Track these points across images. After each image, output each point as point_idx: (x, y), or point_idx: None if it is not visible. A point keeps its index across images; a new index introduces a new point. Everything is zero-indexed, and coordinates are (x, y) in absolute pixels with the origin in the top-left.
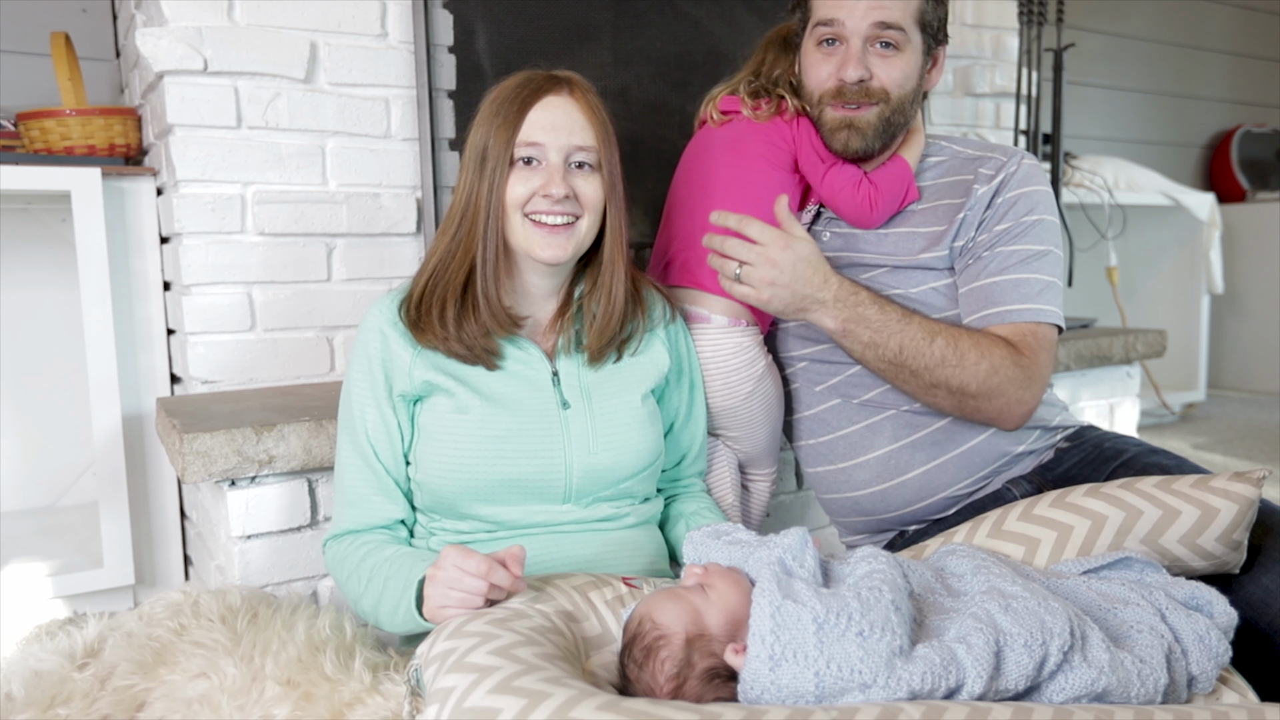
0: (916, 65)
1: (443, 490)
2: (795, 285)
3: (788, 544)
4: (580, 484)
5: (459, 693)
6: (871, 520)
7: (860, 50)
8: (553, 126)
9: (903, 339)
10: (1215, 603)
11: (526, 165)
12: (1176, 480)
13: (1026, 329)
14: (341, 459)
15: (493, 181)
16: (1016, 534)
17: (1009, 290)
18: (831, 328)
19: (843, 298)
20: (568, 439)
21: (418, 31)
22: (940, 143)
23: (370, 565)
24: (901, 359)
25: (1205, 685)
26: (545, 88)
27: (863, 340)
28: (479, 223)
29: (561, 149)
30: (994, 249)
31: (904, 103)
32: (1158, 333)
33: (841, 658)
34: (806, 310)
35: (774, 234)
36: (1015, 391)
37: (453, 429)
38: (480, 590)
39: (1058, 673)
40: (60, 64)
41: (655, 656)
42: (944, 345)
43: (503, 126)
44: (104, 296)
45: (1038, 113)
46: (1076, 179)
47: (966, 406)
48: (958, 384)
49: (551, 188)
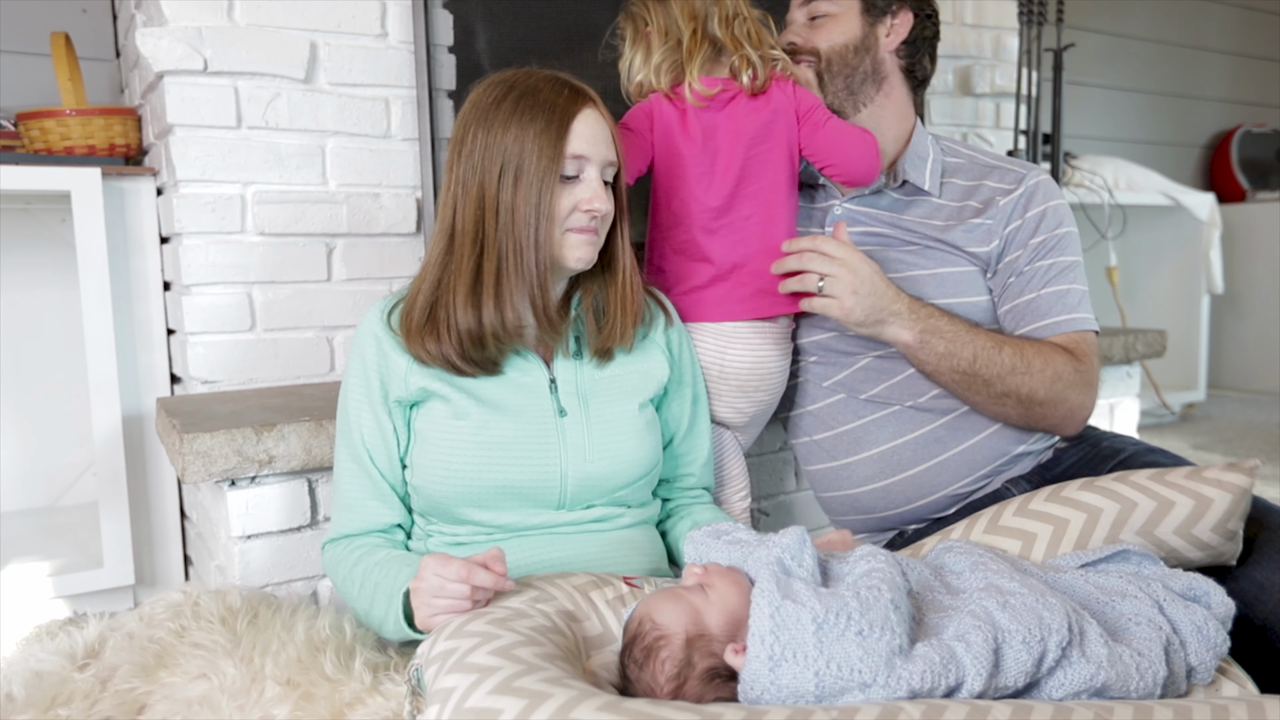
0: (850, 26)
1: (438, 495)
2: (874, 296)
3: (786, 543)
4: (575, 491)
5: (460, 693)
6: (871, 519)
7: (799, 28)
8: (595, 139)
9: (975, 348)
10: (1213, 593)
11: (570, 179)
12: (1170, 472)
13: (1077, 337)
14: (338, 463)
15: (540, 193)
16: (1013, 529)
17: (1055, 302)
18: (908, 340)
19: (915, 309)
20: (564, 446)
21: (418, 31)
22: (953, 145)
23: (361, 571)
24: (975, 368)
25: (1204, 676)
26: (581, 97)
27: (938, 351)
28: (526, 234)
29: (600, 163)
30: (1034, 263)
31: (837, 53)
32: (1158, 333)
33: (841, 657)
34: (884, 322)
35: (847, 249)
36: (1077, 396)
37: (449, 434)
38: (464, 594)
39: (1056, 669)
40: (60, 64)
41: (655, 657)
42: (1012, 353)
43: (544, 134)
44: (104, 296)
45: (1038, 113)
46: (1076, 179)
47: (1033, 414)
48: (1027, 391)
49: (596, 203)
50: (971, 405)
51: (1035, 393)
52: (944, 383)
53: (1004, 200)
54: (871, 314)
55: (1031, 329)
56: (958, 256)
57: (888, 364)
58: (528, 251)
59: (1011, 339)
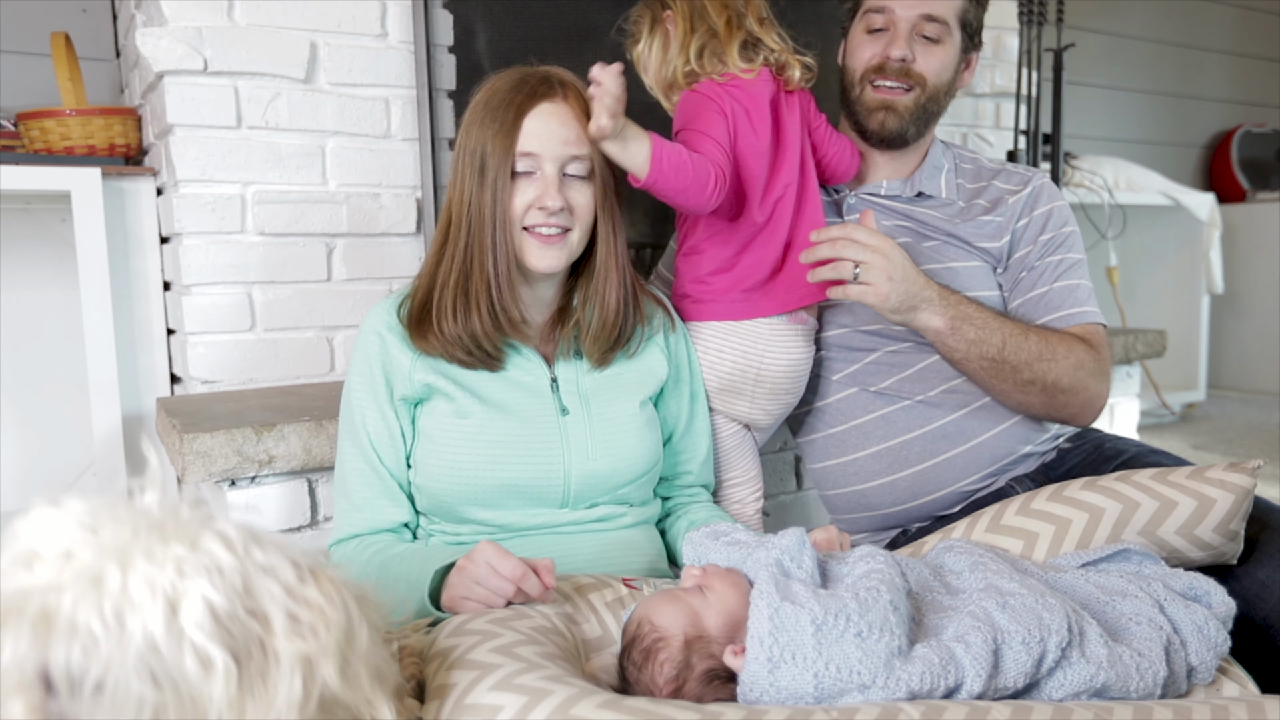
0: (954, 59)
1: (442, 494)
2: (908, 283)
3: (785, 545)
4: (579, 489)
5: (460, 689)
6: (876, 516)
7: (907, 35)
8: (548, 136)
9: (1004, 334)
10: (1213, 593)
11: (523, 176)
12: (1172, 472)
13: (1090, 328)
14: (344, 463)
15: (495, 192)
16: (1015, 528)
17: (1066, 295)
18: (940, 326)
19: (945, 296)
20: (566, 445)
21: (418, 31)
22: (959, 150)
23: (380, 562)
24: (1004, 354)
25: (1205, 676)
26: (540, 92)
27: (969, 338)
28: (486, 234)
29: (557, 159)
30: (1044, 259)
31: (939, 92)
32: (1158, 333)
33: (840, 659)
34: (917, 309)
35: (878, 236)
36: (1096, 385)
37: (452, 433)
38: (506, 593)
39: (1056, 669)
40: (60, 64)
41: (654, 659)
42: (1038, 340)
43: (499, 134)
44: (104, 296)
45: (1038, 113)
46: (1076, 179)
47: (1055, 402)
48: (1052, 379)
49: (547, 200)
50: (995, 394)
51: (1060, 380)
52: (971, 370)
53: (1013, 199)
54: (906, 300)
55: (1046, 321)
56: (968, 251)
57: (900, 358)
58: (487, 254)
59: (1035, 327)
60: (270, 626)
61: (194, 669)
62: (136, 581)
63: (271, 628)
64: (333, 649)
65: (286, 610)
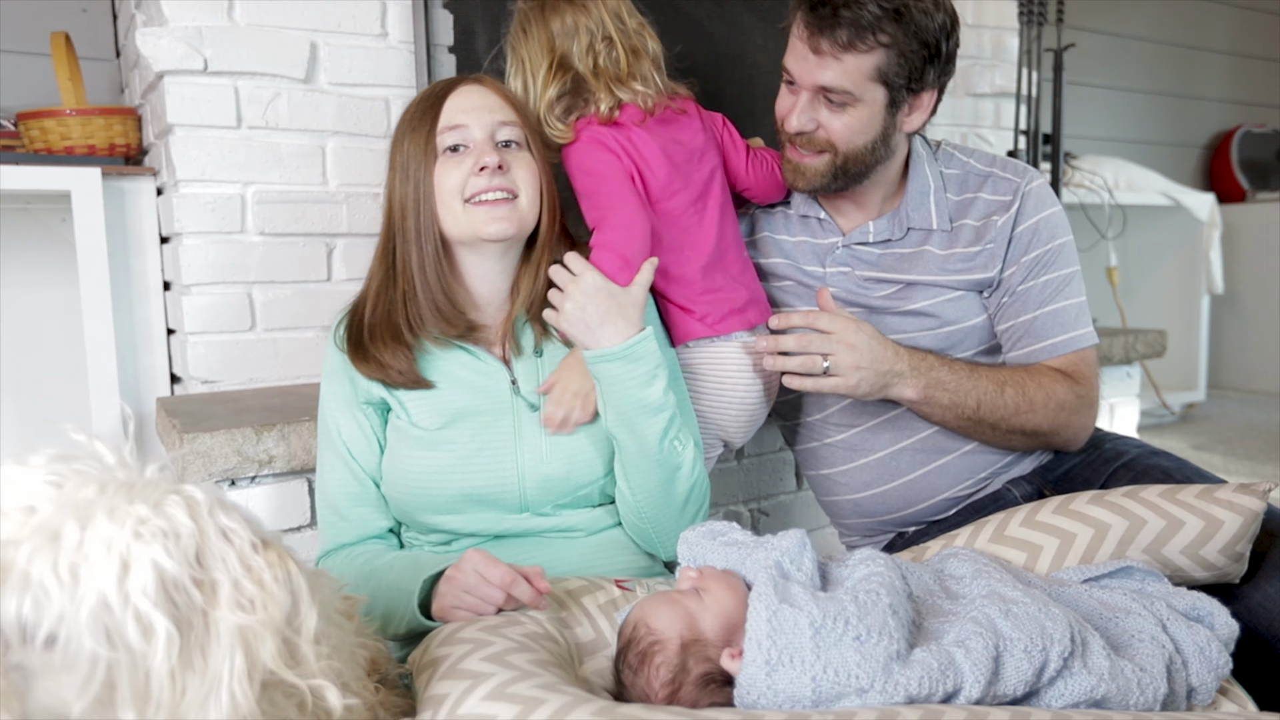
0: (870, 119)
1: (403, 503)
2: (876, 364)
3: (785, 546)
4: (535, 494)
5: (452, 699)
6: (872, 521)
7: (808, 102)
8: (471, 107)
9: (979, 395)
10: (1216, 614)
11: (454, 153)
12: (1181, 490)
13: (1075, 358)
14: (325, 473)
15: (418, 179)
16: (1019, 540)
17: (1050, 323)
18: (913, 397)
19: (916, 365)
20: (520, 450)
21: (418, 31)
22: (951, 151)
23: (368, 573)
24: (980, 415)
25: (1205, 697)
26: (456, 82)
27: (943, 404)
28: (409, 223)
29: (486, 126)
30: (1028, 282)
31: (858, 151)
32: (1158, 333)
33: (838, 663)
34: (889, 386)
35: (841, 320)
36: (1079, 420)
37: (406, 442)
38: (496, 600)
39: (1057, 679)
40: (60, 64)
41: (650, 662)
42: (1014, 394)
43: (419, 127)
44: (104, 296)
45: (1038, 113)
46: (1076, 179)
47: (1038, 442)
48: (1032, 428)
49: (484, 158)
50: (978, 440)
51: (1040, 426)
52: (951, 428)
53: (1000, 220)
54: (876, 383)
55: (1030, 350)
56: (959, 282)
57: None
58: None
59: (1010, 374)
60: (216, 597)
61: (136, 635)
62: (94, 539)
63: (217, 599)
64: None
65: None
